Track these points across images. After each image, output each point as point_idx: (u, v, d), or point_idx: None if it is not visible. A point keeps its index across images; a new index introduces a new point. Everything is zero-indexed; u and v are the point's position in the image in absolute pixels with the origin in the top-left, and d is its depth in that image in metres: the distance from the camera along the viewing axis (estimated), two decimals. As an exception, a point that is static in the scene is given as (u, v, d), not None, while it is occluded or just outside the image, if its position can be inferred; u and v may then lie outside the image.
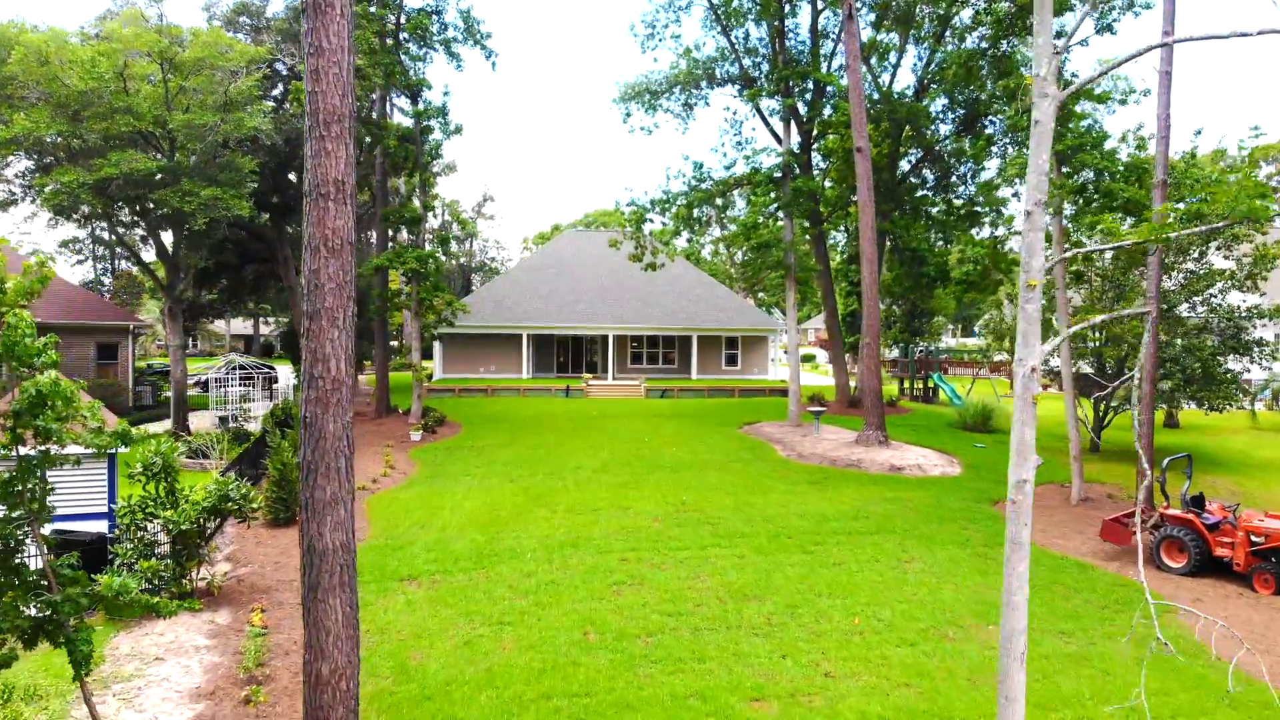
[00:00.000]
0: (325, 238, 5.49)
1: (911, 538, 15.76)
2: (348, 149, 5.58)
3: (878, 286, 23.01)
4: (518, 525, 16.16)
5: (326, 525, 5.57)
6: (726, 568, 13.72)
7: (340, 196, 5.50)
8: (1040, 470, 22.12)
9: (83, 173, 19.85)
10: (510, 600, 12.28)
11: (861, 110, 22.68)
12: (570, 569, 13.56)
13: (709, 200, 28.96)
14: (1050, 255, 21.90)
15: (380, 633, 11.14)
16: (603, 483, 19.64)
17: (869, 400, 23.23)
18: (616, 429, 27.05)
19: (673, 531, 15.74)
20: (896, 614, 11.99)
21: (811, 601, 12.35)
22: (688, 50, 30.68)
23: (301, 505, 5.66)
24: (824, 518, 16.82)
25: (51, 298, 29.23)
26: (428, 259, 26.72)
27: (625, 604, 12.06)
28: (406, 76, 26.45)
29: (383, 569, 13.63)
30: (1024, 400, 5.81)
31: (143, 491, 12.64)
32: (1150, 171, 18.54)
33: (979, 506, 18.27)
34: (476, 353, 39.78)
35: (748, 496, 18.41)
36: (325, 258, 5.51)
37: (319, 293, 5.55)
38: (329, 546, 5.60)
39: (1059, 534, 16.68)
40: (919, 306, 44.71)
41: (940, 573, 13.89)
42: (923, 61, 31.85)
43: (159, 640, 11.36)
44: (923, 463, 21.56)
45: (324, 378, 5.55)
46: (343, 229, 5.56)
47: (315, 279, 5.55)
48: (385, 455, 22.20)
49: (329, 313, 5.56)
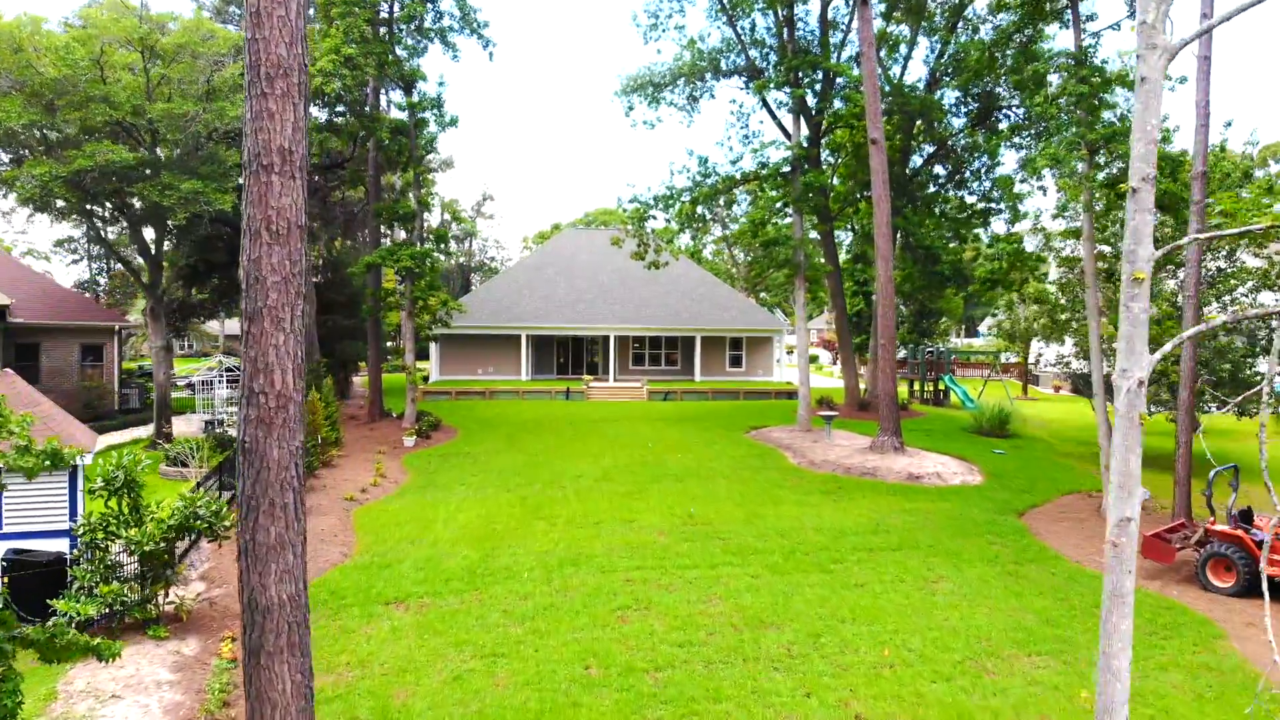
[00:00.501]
0: (268, 219, 4.44)
1: (937, 554, 14.69)
2: (296, 111, 4.53)
3: (893, 285, 21.94)
4: (514, 540, 15.10)
5: (271, 575, 4.51)
6: (740, 589, 12.66)
7: (287, 168, 4.46)
8: (1065, 479, 21.07)
9: (55, 165, 18.79)
10: (505, 627, 11.22)
11: (876, 100, 21.61)
12: (570, 591, 12.50)
13: (715, 196, 27.91)
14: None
15: (361, 666, 10.08)
16: (605, 492, 18.58)
17: (884, 404, 22.16)
18: (618, 434, 26.00)
19: (680, 547, 14.68)
20: (928, 643, 10.92)
21: (834, 629, 11.28)
22: (692, 41, 29.59)
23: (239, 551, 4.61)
24: (841, 532, 15.76)
25: (38, 298, 28.24)
26: (422, 257, 25.65)
27: (631, 632, 11.00)
28: (400, 67, 25.39)
29: (368, 591, 12.57)
30: (1129, 421, 4.74)
31: (104, 508, 11.60)
32: (1185, 164, 17.48)
33: (1004, 519, 17.20)
34: (474, 354, 38.72)
35: (758, 508, 17.34)
36: (267, 244, 4.45)
37: (259, 288, 4.50)
38: (274, 601, 4.54)
39: (1094, 548, 15.61)
40: (927, 306, 43.66)
41: (971, 594, 12.82)
42: (934, 53, 30.80)
43: (118, 675, 10.28)
44: (941, 470, 20.49)
45: (266, 393, 4.50)
46: (289, 209, 4.51)
47: (255, 270, 4.50)
48: (376, 463, 21.14)
49: (272, 313, 4.51)
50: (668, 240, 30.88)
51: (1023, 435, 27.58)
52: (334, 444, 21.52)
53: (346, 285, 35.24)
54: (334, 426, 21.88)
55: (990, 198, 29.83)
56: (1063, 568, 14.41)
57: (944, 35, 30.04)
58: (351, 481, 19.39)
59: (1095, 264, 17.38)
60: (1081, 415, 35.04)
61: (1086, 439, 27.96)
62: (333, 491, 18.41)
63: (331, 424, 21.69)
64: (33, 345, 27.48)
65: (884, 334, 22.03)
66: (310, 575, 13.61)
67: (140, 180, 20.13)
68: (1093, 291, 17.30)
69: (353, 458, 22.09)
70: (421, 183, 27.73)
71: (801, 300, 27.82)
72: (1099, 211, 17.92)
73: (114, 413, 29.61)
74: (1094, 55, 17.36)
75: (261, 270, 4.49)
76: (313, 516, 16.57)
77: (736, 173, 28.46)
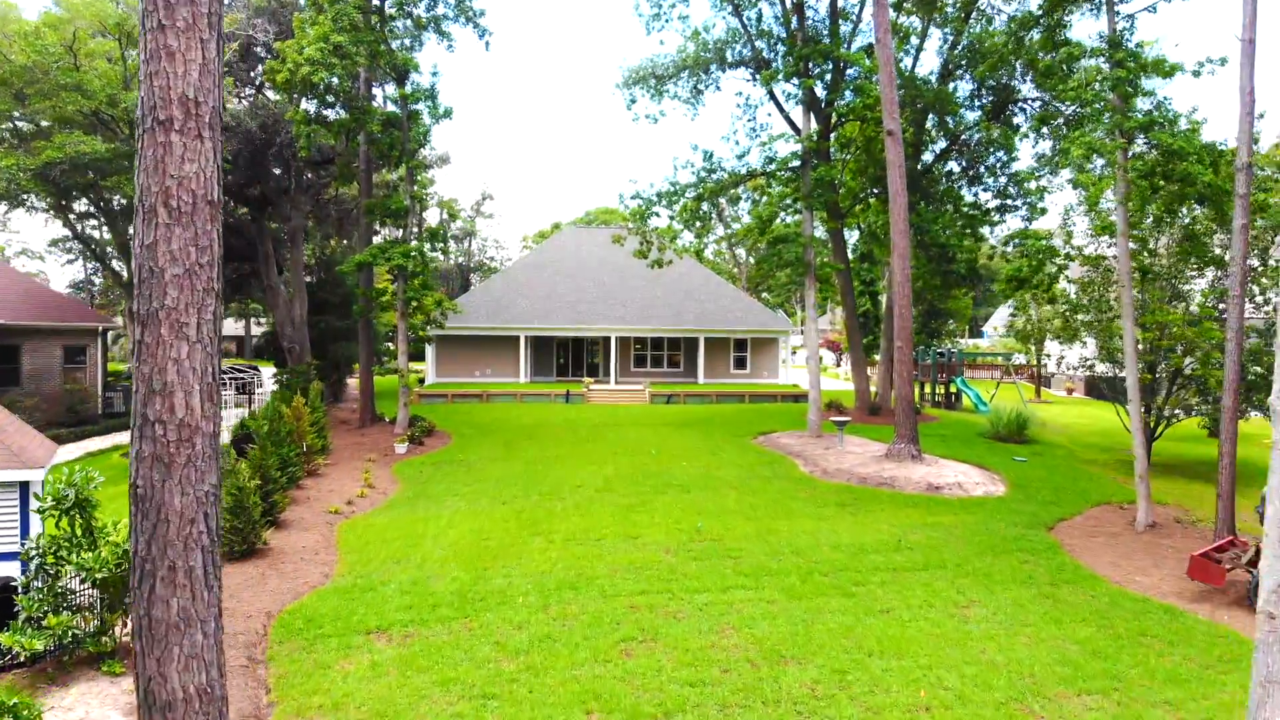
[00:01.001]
0: (166, 192, 3.36)
1: (965, 575, 13.59)
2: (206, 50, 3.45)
3: (910, 284, 20.82)
4: (509, 559, 14.00)
5: (173, 661, 3.41)
6: (755, 617, 11.55)
7: (191, 125, 3.38)
8: (1093, 489, 19.97)
9: (23, 157, 17.69)
10: (497, 662, 10.11)
11: (893, 88, 20.48)
12: (569, 619, 11.39)
13: (721, 192, 26.81)
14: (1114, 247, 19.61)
15: (335, 710, 8.98)
16: (606, 504, 17.49)
17: (901, 409, 21.05)
18: (620, 439, 24.90)
19: (688, 567, 13.57)
20: (966, 681, 9.82)
21: (862, 664, 10.17)
22: (696, 32, 28.53)
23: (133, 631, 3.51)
24: (861, 549, 14.65)
25: (20, 298, 27.22)
26: (415, 254, 24.55)
27: (636, 669, 9.89)
28: (393, 56, 24.30)
29: (348, 619, 11.47)
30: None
31: (55, 529, 10.52)
32: (1225, 155, 16.37)
33: (1034, 534, 16.08)
34: (472, 355, 37.65)
35: (771, 522, 16.23)
36: (165, 225, 3.36)
37: (155, 283, 3.41)
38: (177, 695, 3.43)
39: (1133, 567, 14.51)
40: (936, 307, 42.57)
41: (1007, 622, 11.71)
42: (948, 43, 29.69)
43: (65, 718, 9.21)
44: (962, 480, 19.38)
45: (164, 422, 3.40)
46: (195, 178, 3.42)
47: (150, 260, 3.40)
48: (365, 472, 20.03)
49: (171, 316, 3.40)
50: (671, 239, 29.79)
51: (1042, 441, 26.46)
52: (320, 451, 20.43)
53: (340, 285, 34.18)
54: (321, 433, 20.80)
55: (1006, 194, 28.72)
56: (1102, 589, 13.32)
57: (957, 25, 28.96)
58: (337, 492, 18.30)
59: (1130, 261, 16.26)
60: (1098, 419, 33.92)
61: (1109, 445, 26.86)
62: (317, 504, 17.31)
63: (318, 430, 20.60)
64: (13, 347, 26.50)
65: (901, 335, 20.92)
66: (287, 599, 12.53)
67: (116, 173, 19.03)
68: (1127, 290, 16.18)
69: (341, 466, 20.99)
70: (415, 178, 26.63)
71: (811, 300, 26.72)
72: (1134, 205, 16.80)
73: (97, 416, 28.59)
74: (1129, 39, 16.28)
75: (158, 259, 3.40)
76: (294, 531, 15.48)
77: (743, 168, 27.36)
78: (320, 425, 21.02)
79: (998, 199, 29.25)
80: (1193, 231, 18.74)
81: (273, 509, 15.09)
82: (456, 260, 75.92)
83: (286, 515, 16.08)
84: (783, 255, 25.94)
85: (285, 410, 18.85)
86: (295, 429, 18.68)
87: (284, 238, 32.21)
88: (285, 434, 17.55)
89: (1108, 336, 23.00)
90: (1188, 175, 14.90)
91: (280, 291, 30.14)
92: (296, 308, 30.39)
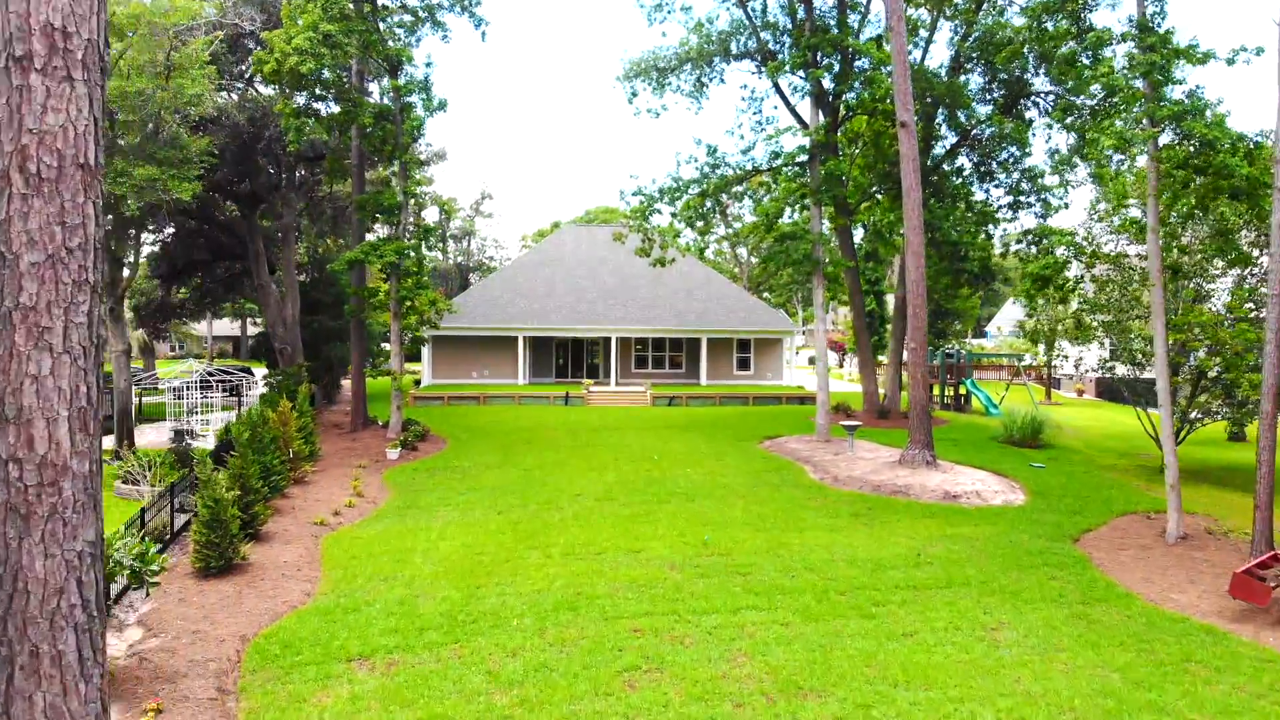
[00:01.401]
0: (23, 152, 2.49)
1: (991, 593, 12.73)
2: (78, -36, 2.60)
3: (924, 282, 19.94)
4: (504, 575, 13.13)
5: (36, 780, 2.55)
6: (769, 641, 10.68)
7: (58, 64, 2.51)
8: (1118, 497, 19.11)
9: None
10: (488, 695, 9.24)
11: (906, 79, 19.61)
12: (568, 645, 10.52)
13: (726, 188, 25.95)
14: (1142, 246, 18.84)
15: (308, 752, 8.12)
16: (607, 515, 16.63)
17: (915, 414, 20.19)
18: (621, 444, 24.04)
19: (695, 585, 12.70)
20: (1002, 715, 8.96)
21: (887, 696, 9.31)
22: (699, 24, 27.67)
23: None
24: (879, 564, 13.78)
25: None
26: (408, 252, 23.68)
27: (641, 704, 9.02)
28: (385, 46, 23.42)
29: (328, 643, 10.59)
30: None
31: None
32: (1264, 148, 15.49)
33: (1060, 547, 15.22)
34: (469, 356, 36.79)
35: (781, 535, 15.37)
36: (22, 196, 2.50)
37: (9, 275, 2.53)
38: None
39: (1167, 583, 13.65)
40: (943, 306, 41.70)
41: (1040, 646, 10.84)
42: (958, 35, 28.84)
43: (10, 759, 8.32)
44: (980, 488, 18.52)
45: (21, 460, 2.52)
46: (63, 134, 2.56)
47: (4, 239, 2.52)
48: (354, 480, 19.15)
49: (29, 319, 2.53)
50: (673, 236, 28.96)
51: (1057, 445, 25.61)
52: (308, 458, 19.56)
53: (333, 285, 33.33)
54: (309, 439, 19.93)
55: (1019, 190, 27.87)
56: (1137, 608, 12.45)
57: (968, 17, 28.13)
58: (325, 502, 17.42)
59: (1161, 259, 15.40)
60: (1113, 422, 33.08)
61: (1126, 449, 26.02)
62: (302, 515, 16.44)
63: (306, 436, 19.74)
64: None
65: (915, 336, 20.05)
66: (265, 621, 11.64)
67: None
68: (1158, 290, 15.32)
69: (329, 473, 20.12)
70: (409, 173, 25.76)
71: (820, 299, 25.87)
72: (1164, 200, 15.93)
73: None
74: (1159, 24, 15.42)
75: (10, 243, 2.53)
76: (276, 545, 14.61)
77: (748, 163, 26.51)
78: (308, 430, 20.15)
79: (1010, 195, 28.40)
80: (1223, 228, 17.88)
81: (253, 521, 14.22)
82: (455, 260, 75.08)
83: (269, 527, 15.21)
84: (790, 253, 25.09)
85: (271, 415, 17.99)
86: (281, 435, 17.81)
87: (276, 236, 31.35)
88: (270, 440, 16.68)
89: (1126, 337, 22.14)
90: (1224, 168, 14.03)
91: (272, 291, 29.26)
92: (288, 308, 29.53)
